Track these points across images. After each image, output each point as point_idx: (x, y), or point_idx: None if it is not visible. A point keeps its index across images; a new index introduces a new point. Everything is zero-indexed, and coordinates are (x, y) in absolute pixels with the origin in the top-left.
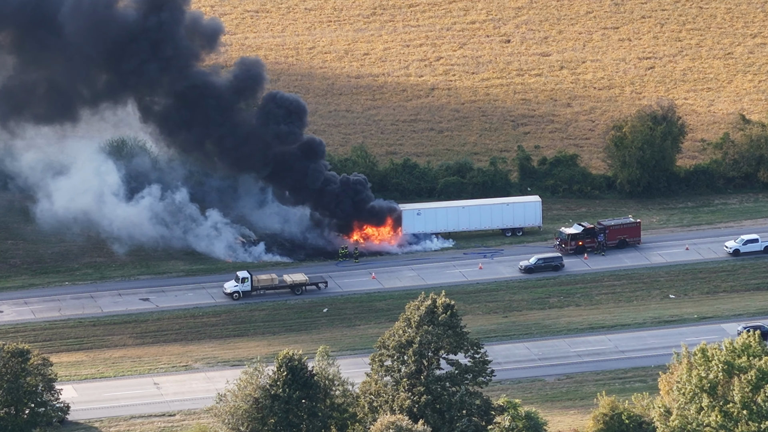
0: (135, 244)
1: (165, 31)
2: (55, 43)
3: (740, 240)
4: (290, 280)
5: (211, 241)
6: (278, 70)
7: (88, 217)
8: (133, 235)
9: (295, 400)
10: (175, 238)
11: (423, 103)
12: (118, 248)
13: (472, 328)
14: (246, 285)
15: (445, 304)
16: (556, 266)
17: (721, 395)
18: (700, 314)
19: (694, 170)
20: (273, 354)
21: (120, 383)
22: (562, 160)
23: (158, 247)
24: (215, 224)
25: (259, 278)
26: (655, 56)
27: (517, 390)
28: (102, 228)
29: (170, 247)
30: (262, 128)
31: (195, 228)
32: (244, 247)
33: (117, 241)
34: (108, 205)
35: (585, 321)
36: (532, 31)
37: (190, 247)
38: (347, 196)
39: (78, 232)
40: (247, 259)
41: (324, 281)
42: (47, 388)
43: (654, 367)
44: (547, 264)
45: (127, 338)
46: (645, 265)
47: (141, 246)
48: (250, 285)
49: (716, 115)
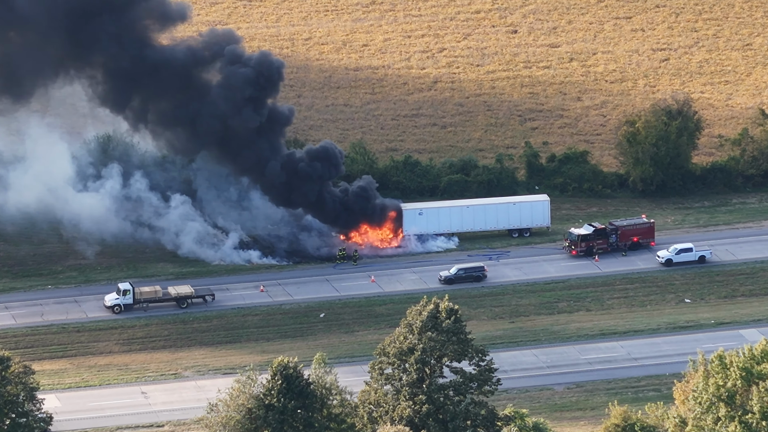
0: (105, 243)
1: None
2: (6, 15)
3: (673, 249)
4: (175, 292)
5: (179, 235)
6: None
7: (51, 211)
8: (99, 230)
9: (291, 411)
10: (142, 232)
11: (425, 97)
12: (85, 248)
13: (477, 334)
14: (128, 298)
15: (449, 308)
16: (478, 277)
17: (740, 405)
18: (718, 319)
19: (711, 168)
20: (267, 361)
21: (106, 392)
22: (571, 157)
23: (128, 244)
24: (181, 216)
25: (141, 290)
26: (669, 47)
27: (525, 399)
28: (65, 224)
29: (140, 244)
30: (223, 97)
31: (159, 221)
32: None
33: (83, 241)
34: (65, 196)
35: (596, 327)
36: (540, 21)
37: (159, 244)
38: (348, 207)
39: (47, 228)
40: (239, 261)
41: (211, 294)
42: (29, 397)
43: (669, 376)
44: (468, 274)
45: (113, 345)
46: (659, 267)
47: (112, 245)
48: (132, 298)
49: (734, 110)
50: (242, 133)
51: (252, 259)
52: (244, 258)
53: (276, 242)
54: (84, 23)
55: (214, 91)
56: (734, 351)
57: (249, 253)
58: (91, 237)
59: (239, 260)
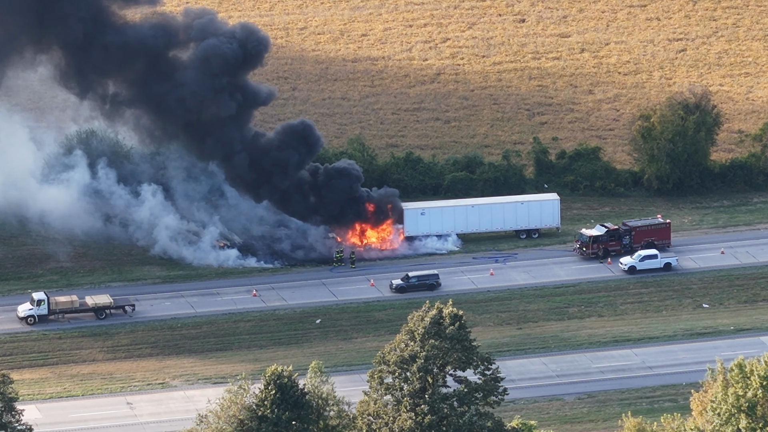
0: (76, 242)
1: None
2: None
3: (637, 256)
4: (93, 302)
5: (151, 234)
6: None
7: (18, 207)
8: (67, 227)
9: (285, 422)
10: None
11: (427, 90)
12: (55, 248)
13: (483, 341)
14: (42, 308)
15: (453, 314)
16: (432, 285)
17: (761, 416)
18: (737, 326)
19: (731, 165)
20: (260, 370)
21: (89, 402)
22: (582, 153)
23: (101, 243)
24: (152, 212)
25: (57, 300)
26: (686, 37)
27: (533, 410)
28: (32, 221)
29: (111, 242)
30: (193, 79)
31: (131, 217)
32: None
33: (52, 241)
34: (30, 189)
35: (608, 333)
36: (550, 9)
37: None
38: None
39: (17, 227)
40: (231, 264)
41: (131, 304)
42: (7, 408)
43: (685, 385)
44: (421, 282)
45: (97, 352)
46: (676, 270)
47: (90, 245)
48: (47, 308)
49: (755, 104)
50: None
51: (228, 262)
52: (220, 260)
53: (256, 242)
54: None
55: (183, 70)
56: (755, 359)
57: (227, 254)
58: (61, 235)
59: (214, 262)
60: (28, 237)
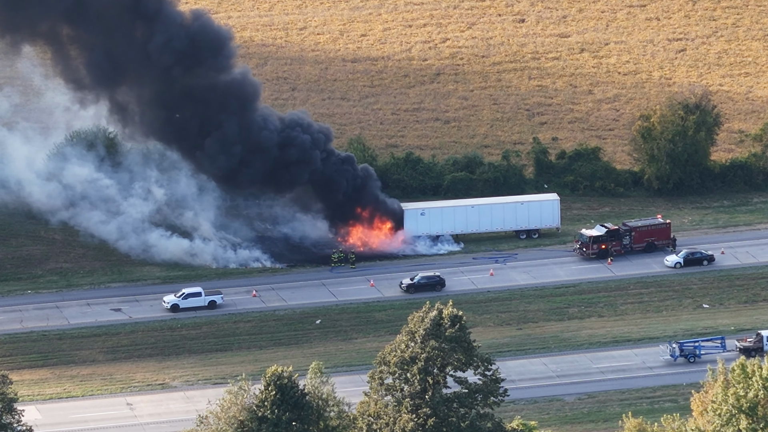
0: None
1: None
2: None
3: (181, 294)
4: None
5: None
6: (265, 53)
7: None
8: (67, 227)
9: (285, 423)
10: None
11: (427, 90)
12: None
13: (483, 341)
14: None
15: (453, 315)
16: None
17: (762, 416)
18: (738, 326)
19: (731, 165)
20: (260, 371)
21: (89, 403)
22: (582, 153)
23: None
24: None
25: None
26: (686, 37)
27: (533, 411)
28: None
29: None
30: None
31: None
32: None
33: (52, 241)
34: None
35: (609, 333)
36: (549, 9)
37: None
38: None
39: (19, 227)
40: (233, 264)
41: None
42: (7, 409)
43: (686, 386)
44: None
45: (97, 353)
46: (675, 271)
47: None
48: None
49: (755, 103)
50: None
51: (248, 262)
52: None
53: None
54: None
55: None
56: (756, 359)
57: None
58: (61, 235)
59: (234, 264)
60: (28, 237)
